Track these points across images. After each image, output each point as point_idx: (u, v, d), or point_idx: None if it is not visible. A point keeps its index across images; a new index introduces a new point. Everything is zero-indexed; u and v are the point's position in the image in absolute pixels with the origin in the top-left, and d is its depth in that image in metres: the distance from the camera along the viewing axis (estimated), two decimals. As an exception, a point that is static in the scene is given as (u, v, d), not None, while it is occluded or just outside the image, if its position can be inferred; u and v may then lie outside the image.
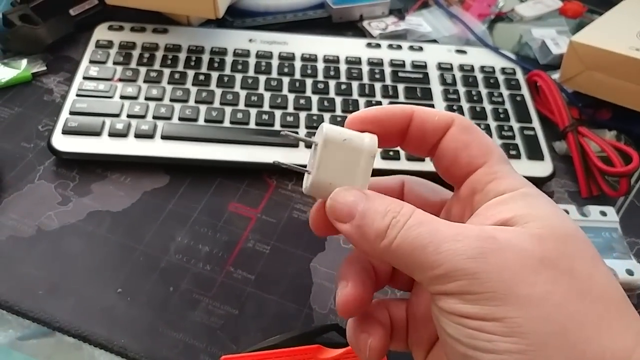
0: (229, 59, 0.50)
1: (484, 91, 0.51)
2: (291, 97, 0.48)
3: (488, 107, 0.49)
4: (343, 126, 0.23)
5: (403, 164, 0.44)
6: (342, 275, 0.24)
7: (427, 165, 0.43)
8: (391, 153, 0.44)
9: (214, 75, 0.48)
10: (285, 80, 0.49)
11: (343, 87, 0.49)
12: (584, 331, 0.17)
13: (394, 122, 0.24)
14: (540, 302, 0.17)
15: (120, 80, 0.47)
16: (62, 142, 0.42)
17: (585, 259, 0.19)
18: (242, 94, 0.47)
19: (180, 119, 0.44)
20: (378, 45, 0.54)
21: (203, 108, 0.45)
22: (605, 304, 0.18)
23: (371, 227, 0.20)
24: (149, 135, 0.43)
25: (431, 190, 0.26)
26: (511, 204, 0.21)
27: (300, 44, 0.53)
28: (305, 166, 0.24)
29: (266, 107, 0.46)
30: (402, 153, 0.45)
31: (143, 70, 0.48)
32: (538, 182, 0.45)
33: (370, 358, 0.24)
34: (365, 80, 0.50)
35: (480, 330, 0.18)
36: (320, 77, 0.50)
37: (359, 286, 0.24)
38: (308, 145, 0.43)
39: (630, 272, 0.38)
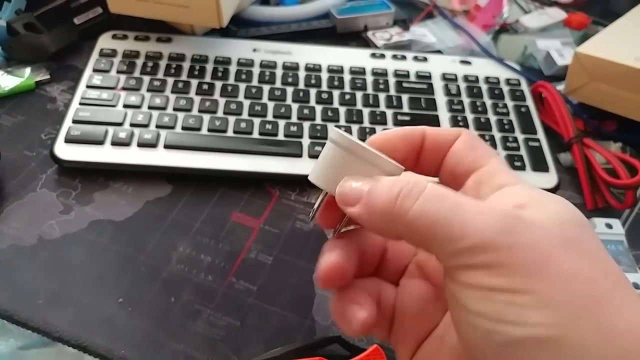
0: (232, 69, 0.50)
1: (488, 102, 0.51)
2: (295, 107, 0.47)
3: (493, 118, 0.49)
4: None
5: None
6: (327, 248, 0.24)
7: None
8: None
9: (218, 84, 0.48)
10: (289, 90, 0.49)
11: (347, 97, 0.49)
12: (612, 307, 0.17)
13: (409, 142, 0.25)
14: (570, 277, 0.18)
15: (124, 89, 0.47)
16: (65, 151, 0.42)
17: (598, 244, 0.20)
18: (246, 103, 0.47)
19: (183, 128, 0.44)
20: (382, 56, 0.54)
21: (206, 117, 0.45)
22: (623, 285, 0.19)
23: (379, 199, 0.20)
24: (152, 145, 0.43)
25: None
26: (523, 192, 0.21)
27: (305, 53, 0.53)
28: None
29: (270, 117, 0.46)
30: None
31: (147, 79, 0.48)
32: (543, 193, 0.45)
33: (358, 331, 0.23)
34: (370, 90, 0.50)
35: (510, 303, 0.18)
36: (324, 87, 0.50)
37: (344, 257, 0.23)
38: (311, 156, 0.43)
39: (636, 286, 0.37)
